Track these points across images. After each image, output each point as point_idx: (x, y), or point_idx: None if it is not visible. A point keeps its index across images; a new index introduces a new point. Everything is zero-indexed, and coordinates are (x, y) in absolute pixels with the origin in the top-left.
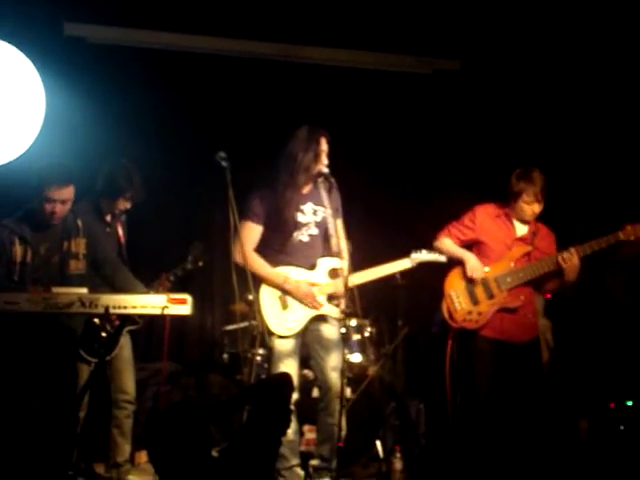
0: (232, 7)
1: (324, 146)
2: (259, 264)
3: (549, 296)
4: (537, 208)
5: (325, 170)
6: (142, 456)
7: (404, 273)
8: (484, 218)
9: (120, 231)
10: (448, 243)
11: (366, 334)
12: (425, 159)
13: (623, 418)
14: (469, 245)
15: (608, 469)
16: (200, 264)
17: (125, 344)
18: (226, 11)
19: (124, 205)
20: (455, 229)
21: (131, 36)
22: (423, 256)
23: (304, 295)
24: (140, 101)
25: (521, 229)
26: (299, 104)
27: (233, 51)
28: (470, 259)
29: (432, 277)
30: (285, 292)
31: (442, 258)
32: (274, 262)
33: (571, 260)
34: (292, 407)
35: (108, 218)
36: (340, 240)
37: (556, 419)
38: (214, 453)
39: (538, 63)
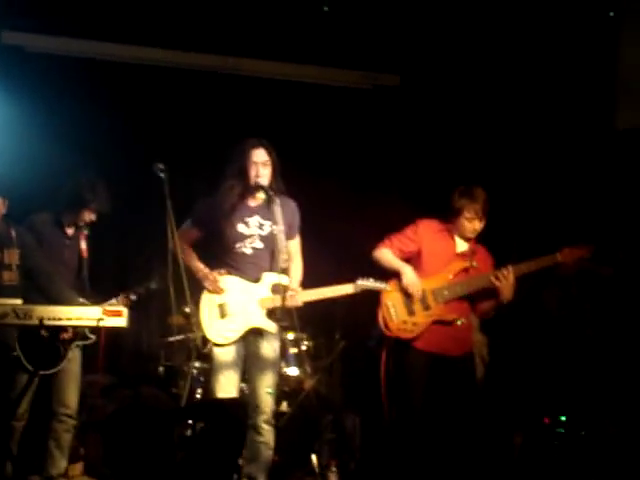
0: (174, 18)
1: (255, 157)
2: (190, 255)
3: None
4: (478, 225)
5: (260, 182)
6: (75, 469)
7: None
8: (426, 231)
9: (83, 244)
10: (388, 254)
11: (303, 347)
12: (366, 172)
13: (557, 433)
14: (408, 258)
15: None
16: (158, 287)
17: (74, 358)
18: (168, 22)
19: (88, 217)
20: (397, 240)
21: (70, 45)
22: (368, 284)
23: (208, 281)
24: (79, 110)
25: (461, 245)
26: (242, 117)
27: (174, 62)
28: (408, 273)
29: (370, 292)
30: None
31: (388, 288)
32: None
33: (506, 278)
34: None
35: (70, 231)
36: (292, 257)
37: (491, 433)
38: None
39: (476, 79)
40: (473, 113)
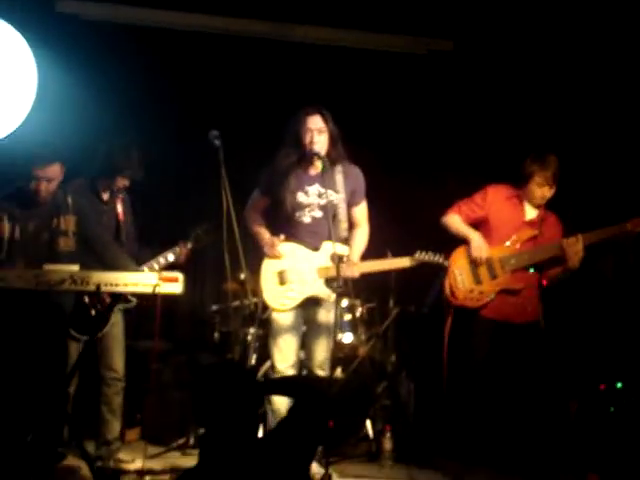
0: None
1: (310, 124)
2: (254, 220)
3: (545, 283)
4: (547, 192)
5: (315, 149)
6: (132, 434)
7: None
8: (495, 198)
9: (120, 208)
10: (456, 220)
11: (357, 314)
12: (422, 140)
13: (613, 400)
14: (477, 224)
15: (598, 450)
16: (202, 244)
17: (117, 322)
18: None
19: (122, 183)
20: (466, 206)
21: (124, 13)
22: (426, 257)
23: (267, 246)
24: (133, 79)
25: (531, 213)
26: (293, 84)
27: (227, 30)
28: (475, 239)
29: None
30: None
31: (445, 262)
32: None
33: (575, 245)
34: None
35: (105, 196)
36: (357, 224)
37: (547, 400)
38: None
39: (531, 43)
40: (528, 78)
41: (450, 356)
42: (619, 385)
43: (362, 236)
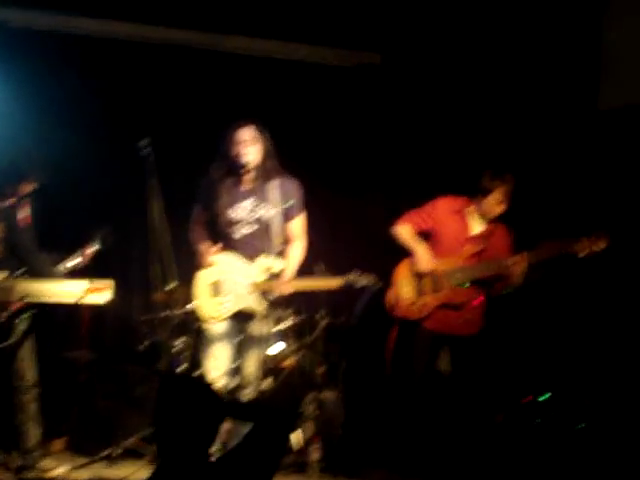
0: None
1: (237, 137)
2: (197, 237)
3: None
4: (502, 208)
5: (241, 161)
6: (59, 444)
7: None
8: (443, 210)
9: (23, 213)
10: (406, 230)
11: (287, 325)
12: (348, 153)
13: (538, 412)
14: (426, 235)
15: (524, 461)
16: (106, 246)
17: (25, 330)
18: None
19: (28, 188)
20: (416, 216)
21: (54, 21)
22: (357, 279)
23: (200, 256)
24: (63, 87)
25: (477, 227)
26: (224, 94)
27: (158, 39)
28: (419, 251)
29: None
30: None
31: (374, 286)
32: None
33: (520, 264)
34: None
35: (12, 201)
36: (292, 238)
37: (473, 413)
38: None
39: (458, 57)
40: (455, 92)
41: (395, 367)
42: (544, 397)
43: (297, 250)
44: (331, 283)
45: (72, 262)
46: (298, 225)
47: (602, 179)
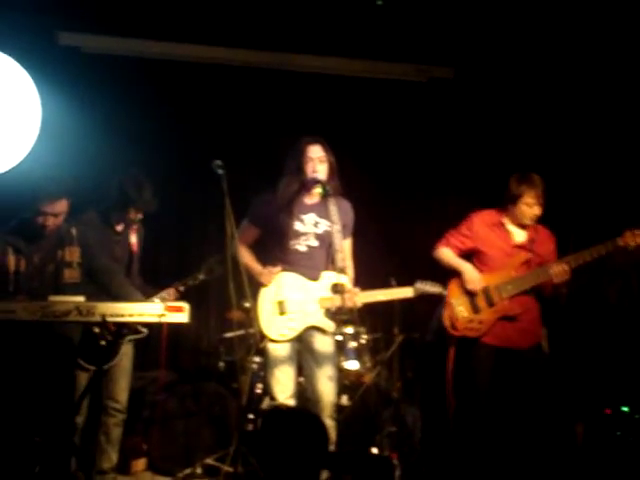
0: (226, 16)
1: (311, 153)
2: (245, 255)
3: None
4: (538, 210)
5: (317, 177)
6: (139, 464)
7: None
8: (481, 226)
9: (133, 239)
10: (447, 253)
11: (362, 341)
12: (421, 166)
13: (619, 424)
14: (469, 253)
15: (605, 474)
16: (214, 276)
17: (126, 353)
18: (220, 20)
19: (135, 215)
20: (454, 238)
21: (125, 45)
22: (427, 288)
23: (263, 275)
24: (135, 110)
25: (519, 235)
26: (295, 113)
27: (227, 60)
28: (467, 271)
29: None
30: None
31: (445, 292)
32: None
33: (563, 272)
34: None
35: (119, 228)
36: (346, 256)
37: (553, 424)
38: None
39: (529, 70)
40: (527, 104)
41: (455, 385)
42: (625, 409)
43: (351, 269)
44: (402, 293)
45: (165, 294)
46: (349, 245)
47: None
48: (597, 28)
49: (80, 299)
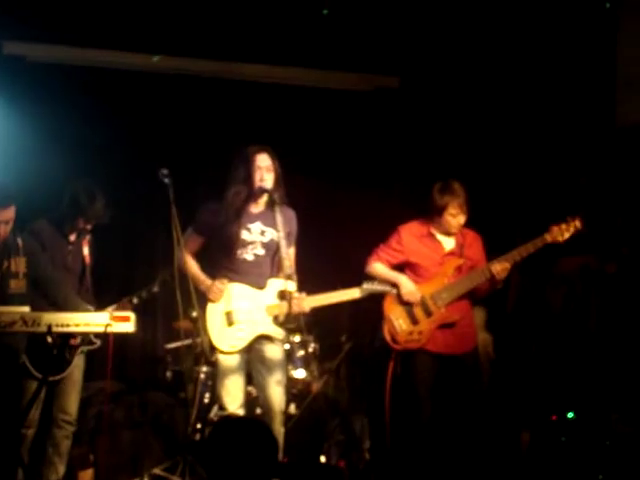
0: (174, 25)
1: (259, 162)
2: (190, 265)
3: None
4: (462, 219)
5: (264, 186)
6: (86, 475)
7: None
8: (409, 238)
9: (85, 250)
10: (380, 268)
11: (310, 350)
12: (366, 176)
13: (564, 430)
14: (401, 266)
15: None
16: (166, 287)
17: (77, 365)
18: (168, 29)
19: (84, 225)
20: (384, 253)
21: (71, 54)
22: (374, 287)
23: (212, 292)
24: (82, 119)
25: (448, 243)
26: (241, 122)
27: (175, 69)
28: (404, 283)
29: (375, 295)
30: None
31: (393, 291)
32: (222, 278)
33: (504, 272)
34: None
35: (72, 237)
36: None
37: (498, 431)
38: None
39: (475, 78)
40: (474, 113)
41: (397, 394)
42: (570, 415)
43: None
44: (349, 295)
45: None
46: (293, 253)
47: (620, 195)
48: (544, 35)
49: (25, 309)
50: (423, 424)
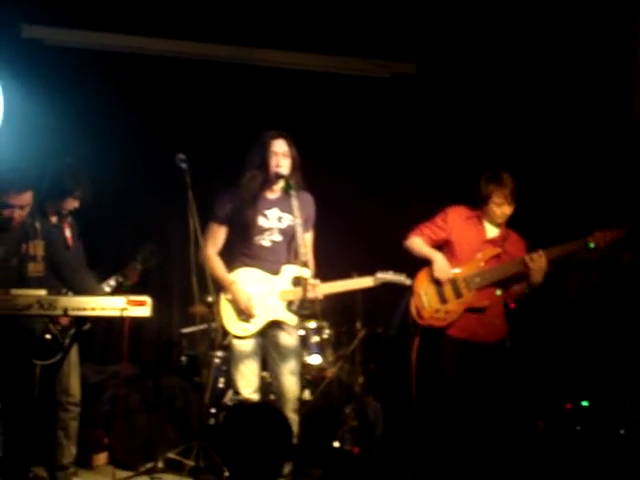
0: (189, 10)
1: (275, 147)
2: (214, 264)
3: (513, 305)
4: (507, 210)
5: (280, 171)
6: (100, 458)
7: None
8: (455, 219)
9: (67, 232)
10: (419, 242)
11: (325, 336)
12: (383, 162)
13: (579, 419)
14: (440, 245)
15: (565, 469)
16: (150, 265)
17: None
18: (185, 14)
19: (72, 205)
20: (427, 229)
21: (89, 38)
22: (388, 277)
23: (241, 307)
24: (99, 103)
25: (492, 231)
26: (258, 108)
27: (190, 54)
28: (438, 260)
29: (389, 284)
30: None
31: (407, 281)
32: (239, 264)
33: (539, 261)
34: None
35: (53, 219)
36: (307, 250)
37: (514, 420)
38: None
39: (493, 65)
40: (491, 100)
41: (419, 376)
42: (585, 404)
43: (312, 262)
44: (362, 283)
45: (114, 281)
46: (310, 238)
47: (638, 184)
48: (561, 22)
49: (42, 292)
50: (446, 407)
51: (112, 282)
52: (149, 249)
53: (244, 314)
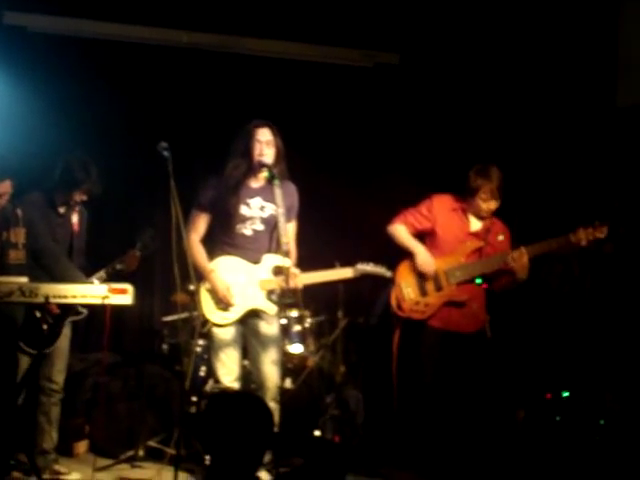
0: None
1: (259, 136)
2: (196, 251)
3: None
4: (493, 205)
5: (264, 160)
6: (81, 446)
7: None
8: (441, 209)
9: (75, 220)
10: (402, 231)
11: (306, 325)
12: (366, 150)
13: (559, 409)
14: (422, 234)
15: (544, 458)
16: (149, 251)
17: (65, 334)
18: (166, 2)
19: (80, 197)
20: (412, 217)
21: (72, 25)
22: (368, 268)
23: (219, 295)
24: (82, 90)
25: (475, 224)
26: (241, 95)
27: (176, 42)
28: (421, 253)
29: (369, 276)
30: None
31: (388, 273)
32: (221, 252)
33: (520, 259)
34: None
35: (62, 210)
36: (289, 240)
37: (494, 409)
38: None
39: (476, 56)
40: (474, 90)
41: (399, 367)
42: (565, 394)
43: (294, 251)
44: (342, 274)
45: (112, 268)
46: (293, 228)
47: (620, 175)
48: (545, 14)
49: (23, 280)
50: (425, 397)
51: (110, 269)
52: (148, 235)
53: (222, 302)
